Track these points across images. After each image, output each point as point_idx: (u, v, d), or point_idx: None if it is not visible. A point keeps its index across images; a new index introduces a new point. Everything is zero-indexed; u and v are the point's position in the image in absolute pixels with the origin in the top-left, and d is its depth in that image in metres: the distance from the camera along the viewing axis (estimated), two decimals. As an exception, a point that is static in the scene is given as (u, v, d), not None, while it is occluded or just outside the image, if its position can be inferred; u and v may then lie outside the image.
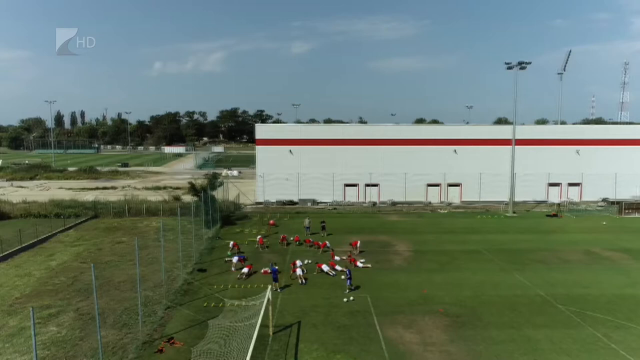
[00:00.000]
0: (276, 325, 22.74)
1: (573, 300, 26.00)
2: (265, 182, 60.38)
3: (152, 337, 21.62)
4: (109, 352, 20.11)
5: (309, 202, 59.72)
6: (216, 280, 29.87)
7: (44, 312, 24.29)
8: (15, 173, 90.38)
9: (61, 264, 33.49)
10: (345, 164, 59.88)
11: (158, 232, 42.93)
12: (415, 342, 21.08)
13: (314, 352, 20.16)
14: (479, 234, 42.14)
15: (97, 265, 32.87)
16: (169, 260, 33.36)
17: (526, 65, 49.52)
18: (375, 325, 22.86)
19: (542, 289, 27.83)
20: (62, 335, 21.73)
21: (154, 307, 25.03)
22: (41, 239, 40.33)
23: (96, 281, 29.03)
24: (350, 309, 24.91)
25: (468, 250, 36.64)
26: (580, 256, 34.92)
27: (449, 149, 60.17)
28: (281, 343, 21.02)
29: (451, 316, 23.93)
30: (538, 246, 37.69)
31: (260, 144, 61.72)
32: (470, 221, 47.90)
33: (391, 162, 59.79)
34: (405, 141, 60.61)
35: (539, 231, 43.19)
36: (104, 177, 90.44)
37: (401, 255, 35.35)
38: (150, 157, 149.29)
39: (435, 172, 60.09)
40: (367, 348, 20.51)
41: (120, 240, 40.62)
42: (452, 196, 60.77)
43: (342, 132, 62.75)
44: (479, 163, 59.27)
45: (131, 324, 22.67)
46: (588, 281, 29.26)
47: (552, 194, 60.19)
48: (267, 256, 34.94)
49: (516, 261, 33.54)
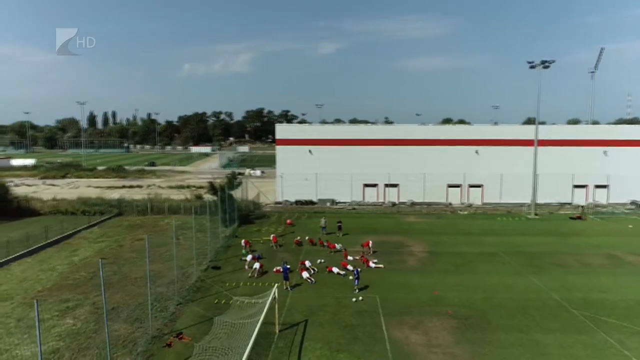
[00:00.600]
0: (283, 323, 23.03)
1: (589, 305, 25.32)
2: (284, 181, 60.86)
3: (162, 332, 22.24)
4: (120, 345, 20.81)
5: (328, 202, 59.87)
6: (229, 277, 30.40)
7: (62, 305, 25.30)
8: (48, 171, 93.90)
9: (83, 260, 34.73)
10: (365, 164, 59.72)
11: (178, 230, 44.14)
12: (420, 344, 20.99)
13: (317, 350, 20.34)
14: (497, 236, 41.40)
15: (117, 261, 34.19)
16: (185, 258, 34.31)
17: (550, 64, 48.34)
18: (381, 325, 22.86)
19: (557, 292, 27.19)
20: (77, 328, 22.62)
21: (166, 303, 25.71)
22: (66, 235, 41.89)
23: (114, 276, 30.28)
24: (358, 309, 24.96)
25: (484, 252, 36.07)
26: (601, 260, 33.90)
27: (471, 150, 59.25)
28: (287, 341, 21.28)
29: (460, 318, 23.69)
30: (558, 249, 36.77)
31: (280, 144, 62.22)
32: (489, 223, 47.08)
33: (411, 162, 59.29)
34: (426, 141, 60.02)
35: (560, 234, 42.10)
36: (131, 176, 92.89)
37: (415, 256, 35.11)
38: (176, 156, 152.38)
39: (456, 173, 59.22)
40: (371, 348, 20.55)
41: (140, 237, 41.67)
42: (474, 197, 59.81)
43: (362, 132, 62.65)
44: (502, 164, 58.10)
45: (143, 319, 23.34)
46: (607, 286, 28.41)
47: (577, 196, 58.47)
48: (281, 255, 35.29)
49: (533, 264, 32.84)
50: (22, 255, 35.49)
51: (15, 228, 44.52)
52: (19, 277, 30.63)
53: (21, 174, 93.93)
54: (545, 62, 48.10)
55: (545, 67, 48.60)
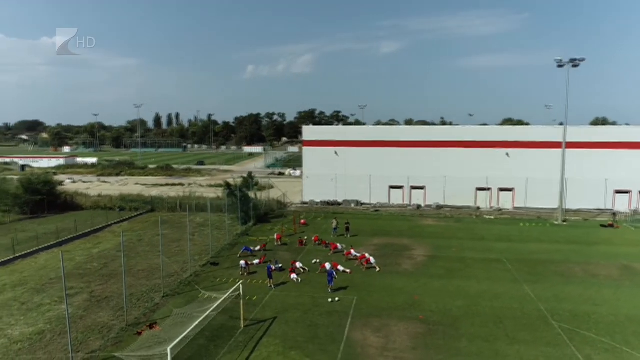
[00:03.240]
0: (253, 319, 24.00)
1: (574, 317, 24.06)
2: (311, 182, 61.83)
3: (140, 321, 23.94)
4: (96, 330, 22.75)
5: (353, 203, 60.11)
6: (222, 274, 31.81)
7: (61, 294, 27.60)
8: (104, 169, 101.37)
9: (101, 252, 37.68)
10: (391, 166, 59.31)
11: (197, 227, 46.59)
12: (375, 346, 21.11)
13: (272, 346, 21.08)
14: (510, 242, 39.82)
15: (129, 254, 36.68)
16: (193, 253, 36.23)
17: (579, 62, 45.55)
18: (346, 326, 23.16)
19: (545, 303, 26.02)
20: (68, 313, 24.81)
21: (153, 294, 27.54)
22: (97, 229, 45.48)
23: (120, 268, 32.50)
24: (331, 309, 25.38)
25: (488, 258, 34.96)
26: (612, 271, 31.76)
27: (501, 152, 57.08)
28: (248, 336, 22.20)
29: (429, 324, 23.44)
30: (569, 258, 34.84)
31: (307, 145, 63.33)
32: (510, 228, 45.23)
33: (438, 164, 58.06)
34: (453, 143, 58.55)
35: (581, 242, 39.71)
36: (178, 174, 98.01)
37: (413, 260, 34.75)
38: (226, 156, 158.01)
39: (485, 176, 57.27)
40: (325, 348, 20.97)
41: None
42: (504, 201, 57.55)
43: (388, 134, 62.31)
44: (535, 167, 55.30)
45: (127, 308, 25.20)
46: (604, 298, 26.73)
47: (619, 202, 54.53)
48: (281, 253, 36.25)
49: (535, 272, 31.45)
50: (52, 246, 39.14)
51: (57, 221, 48.88)
52: (41, 265, 33.92)
53: (82, 171, 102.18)
54: (574, 61, 45.39)
55: (575, 66, 45.85)
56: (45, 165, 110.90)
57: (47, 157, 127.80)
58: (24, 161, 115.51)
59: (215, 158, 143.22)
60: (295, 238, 41.04)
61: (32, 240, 40.06)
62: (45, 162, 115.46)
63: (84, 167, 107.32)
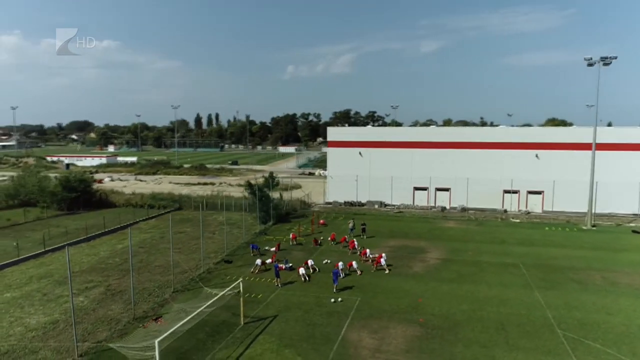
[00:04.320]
0: (254, 317, 24.58)
1: (582, 326, 23.19)
2: (334, 182, 62.06)
3: (147, 315, 24.98)
4: (105, 322, 23.93)
5: (376, 204, 59.89)
6: (234, 271, 32.58)
7: (82, 286, 29.39)
8: (142, 168, 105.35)
9: (125, 247, 39.23)
10: (416, 167, 58.71)
11: (219, 225, 47.82)
12: (369, 348, 21.15)
13: (267, 344, 21.53)
14: (531, 246, 38.63)
15: (150, 250, 38.25)
16: (209, 250, 37.39)
17: (611, 61, 43.53)
18: (343, 327, 23.30)
19: (554, 310, 25.19)
20: (83, 305, 26.27)
21: (165, 289, 28.61)
22: (124, 226, 47.48)
23: (139, 264, 33.94)
24: (332, 309, 25.57)
25: (504, 262, 34.10)
26: (635, 279, 30.26)
27: (530, 153, 55.31)
28: (246, 332, 22.76)
29: (428, 327, 23.23)
30: (591, 264, 33.46)
31: (332, 145, 63.66)
32: (533, 232, 43.81)
33: (464, 165, 56.97)
34: (480, 144, 57.30)
35: (607, 248, 38.01)
36: (211, 173, 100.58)
37: (426, 263, 34.37)
38: (260, 156, 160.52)
39: (514, 178, 55.65)
40: (318, 347, 21.20)
41: (183, 230, 45.88)
42: (533, 205, 55.78)
43: (413, 134, 61.76)
44: (566, 169, 53.26)
45: (137, 301, 26.36)
46: (620, 308, 25.57)
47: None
48: (295, 253, 36.72)
49: (549, 279, 30.43)
50: (80, 241, 41.26)
51: (90, 217, 51.47)
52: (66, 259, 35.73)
53: (121, 170, 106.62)
54: (605, 59, 43.43)
55: (606, 65, 43.86)
56: (89, 164, 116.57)
57: (91, 156, 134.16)
58: (70, 160, 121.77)
59: (249, 158, 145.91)
60: (311, 238, 41.41)
61: (63, 236, 42.38)
62: (88, 160, 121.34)
63: (123, 166, 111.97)
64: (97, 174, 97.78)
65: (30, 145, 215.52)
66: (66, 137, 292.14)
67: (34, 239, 41.67)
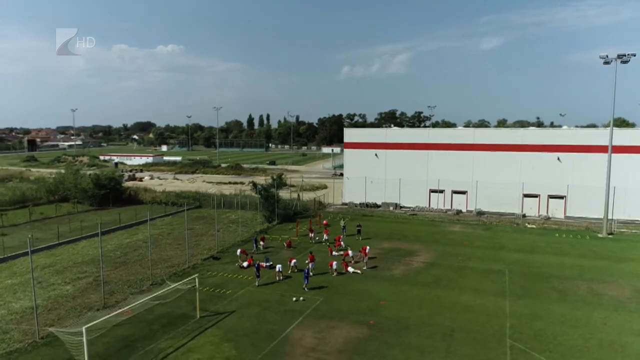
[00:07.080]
0: (212, 311, 25.72)
1: (535, 337, 22.30)
2: (351, 184, 62.23)
3: (117, 303, 26.74)
4: (78, 309, 25.94)
5: (392, 205, 59.43)
6: (218, 268, 33.95)
7: (74, 276, 31.83)
8: (182, 167, 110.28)
9: (132, 242, 42.00)
10: (432, 169, 57.71)
11: (229, 223, 49.67)
12: (306, 346, 21.61)
13: (211, 337, 22.56)
14: (529, 253, 37.03)
15: (153, 245, 40.38)
16: (207, 247, 39.13)
17: (629, 58, 40.67)
18: (292, 325, 23.85)
19: (516, 319, 24.33)
20: (67, 294, 28.56)
21: (143, 282, 30.41)
22: (140, 222, 50.38)
23: (136, 257, 35.97)
24: (290, 308, 26.19)
25: (490, 269, 33.05)
26: (624, 292, 28.38)
27: (552, 156, 52.71)
28: (197, 325, 23.93)
29: (375, 330, 23.29)
30: (582, 274, 31.68)
31: (349, 147, 63.84)
32: (539, 239, 41.80)
33: (482, 168, 55.27)
34: (499, 146, 55.28)
35: (611, 258, 35.68)
36: (245, 173, 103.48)
37: (409, 266, 34.02)
38: (297, 157, 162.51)
39: (533, 182, 53.26)
40: (258, 343, 21.94)
41: (192, 227, 47.95)
42: (554, 209, 53.12)
43: (429, 136, 60.51)
44: (590, 173, 50.19)
45: (114, 292, 28.31)
46: (587, 321, 24.22)
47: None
48: (283, 252, 37.52)
49: (530, 287, 29.24)
50: (94, 235, 44.35)
51: (114, 213, 54.97)
52: (75, 251, 38.81)
53: (163, 169, 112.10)
54: (622, 56, 40.65)
55: (624, 62, 41.03)
56: (136, 162, 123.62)
57: (139, 155, 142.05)
58: (120, 159, 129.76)
59: (288, 158, 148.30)
60: (309, 238, 42.02)
61: (83, 230, 45.74)
62: (136, 159, 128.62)
63: (166, 165, 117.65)
64: (141, 172, 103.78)
65: (93, 145, 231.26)
66: (128, 137, 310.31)
67: (60, 231, 45.31)
